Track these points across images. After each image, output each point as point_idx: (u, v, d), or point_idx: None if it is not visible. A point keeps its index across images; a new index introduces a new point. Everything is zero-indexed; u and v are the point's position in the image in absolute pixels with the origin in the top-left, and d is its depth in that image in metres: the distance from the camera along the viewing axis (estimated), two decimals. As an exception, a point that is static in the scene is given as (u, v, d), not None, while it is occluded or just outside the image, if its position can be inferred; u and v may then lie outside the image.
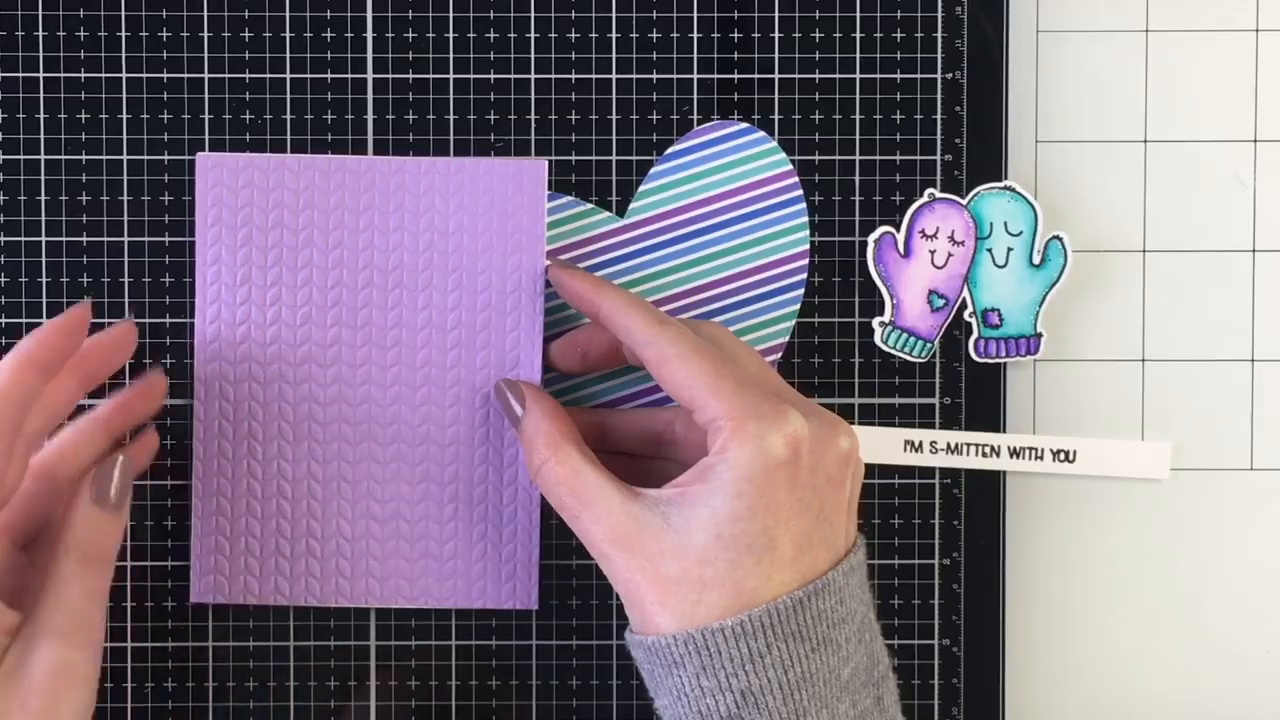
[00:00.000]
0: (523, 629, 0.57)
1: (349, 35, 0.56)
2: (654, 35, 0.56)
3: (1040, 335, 0.56)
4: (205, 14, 0.56)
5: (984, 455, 0.57)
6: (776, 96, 0.56)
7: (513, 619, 0.57)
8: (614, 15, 0.56)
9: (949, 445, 0.57)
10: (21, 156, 0.56)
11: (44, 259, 0.56)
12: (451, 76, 0.56)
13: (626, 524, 0.47)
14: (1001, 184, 0.56)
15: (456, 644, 0.57)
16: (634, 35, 0.56)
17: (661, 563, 0.46)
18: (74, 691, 0.47)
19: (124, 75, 0.56)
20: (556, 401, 0.52)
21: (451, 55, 0.56)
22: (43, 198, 0.56)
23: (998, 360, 0.57)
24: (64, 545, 0.49)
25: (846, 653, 0.47)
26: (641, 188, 0.56)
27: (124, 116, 0.56)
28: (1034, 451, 0.57)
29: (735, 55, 0.56)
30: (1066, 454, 0.57)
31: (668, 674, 0.47)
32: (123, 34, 0.56)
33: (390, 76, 0.56)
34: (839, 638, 0.47)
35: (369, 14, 0.56)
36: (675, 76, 0.56)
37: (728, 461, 0.46)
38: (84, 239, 0.56)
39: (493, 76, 0.56)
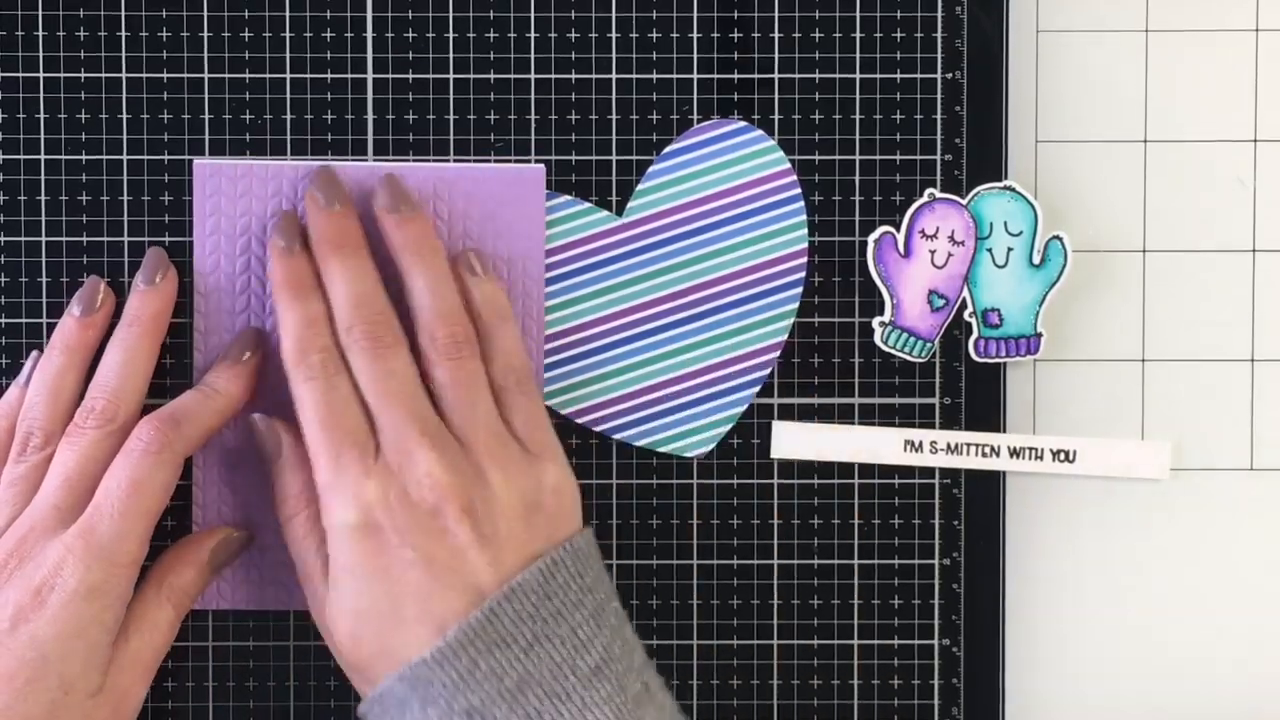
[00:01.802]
0: (522, 629, 0.57)
1: (349, 35, 0.56)
2: (654, 35, 0.56)
3: (1040, 335, 0.56)
4: (205, 14, 0.56)
5: (984, 455, 0.57)
6: (776, 96, 0.56)
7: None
8: (614, 15, 0.56)
9: (949, 445, 0.57)
10: (21, 156, 0.56)
11: (44, 259, 0.56)
12: (451, 76, 0.56)
13: (319, 608, 0.51)
14: (1001, 184, 0.56)
15: (456, 644, 0.57)
16: (634, 35, 0.56)
17: (340, 639, 0.50)
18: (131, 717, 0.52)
19: (124, 75, 0.56)
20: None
21: (451, 55, 0.56)
22: (43, 198, 0.56)
23: (998, 360, 0.57)
24: (166, 591, 0.52)
25: (579, 640, 0.48)
26: (640, 187, 0.56)
27: (124, 116, 0.56)
28: (1034, 451, 0.57)
29: (735, 55, 0.56)
30: (1066, 454, 0.57)
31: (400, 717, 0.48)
32: (123, 34, 0.56)
33: (390, 76, 0.56)
34: (560, 631, 0.48)
35: (369, 14, 0.56)
36: (675, 76, 0.56)
37: (327, 542, 0.50)
38: (84, 239, 0.56)
39: (493, 76, 0.56)
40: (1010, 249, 0.56)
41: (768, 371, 0.56)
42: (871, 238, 0.56)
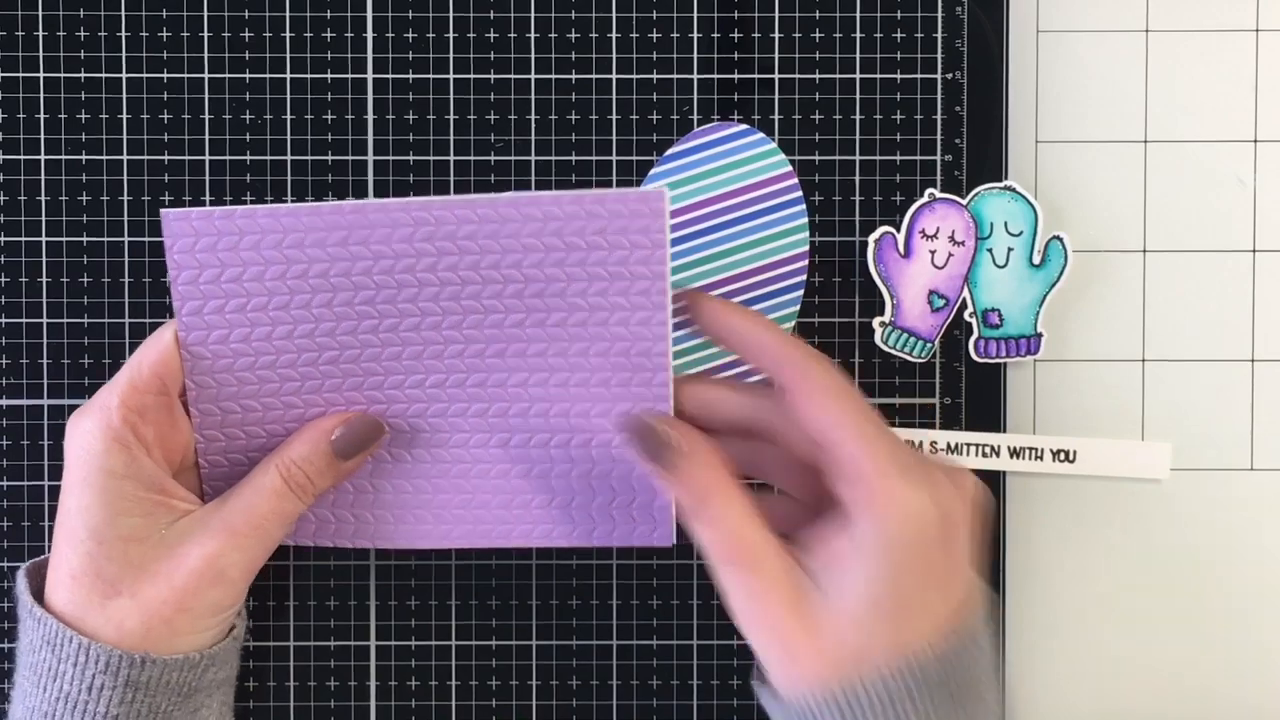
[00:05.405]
0: (523, 629, 0.57)
1: (349, 35, 0.56)
2: (654, 35, 0.56)
3: (1040, 335, 0.56)
4: (205, 14, 0.56)
5: (984, 455, 0.57)
6: (776, 97, 0.56)
7: (512, 619, 0.57)
8: (614, 15, 0.56)
9: (949, 445, 0.57)
10: (21, 156, 0.56)
11: (44, 259, 0.56)
12: (451, 76, 0.56)
13: (785, 588, 0.45)
14: (1001, 184, 0.56)
15: (456, 644, 0.57)
16: (634, 35, 0.56)
17: (818, 630, 0.44)
18: (218, 589, 0.48)
19: (124, 75, 0.56)
20: (712, 441, 0.47)
21: (451, 55, 0.56)
22: (43, 198, 0.56)
23: (998, 360, 0.57)
24: (276, 459, 0.49)
25: (989, 702, 0.46)
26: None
27: (124, 116, 0.56)
28: (1034, 451, 0.57)
29: (735, 55, 0.56)
30: (1066, 454, 0.57)
31: None
32: (123, 34, 0.56)
33: (390, 76, 0.56)
34: (982, 690, 0.45)
35: (369, 14, 0.56)
36: (675, 77, 0.56)
37: (879, 524, 0.43)
38: (84, 239, 0.56)
39: (493, 76, 0.56)
40: (1010, 249, 0.56)
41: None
42: (872, 238, 0.56)
